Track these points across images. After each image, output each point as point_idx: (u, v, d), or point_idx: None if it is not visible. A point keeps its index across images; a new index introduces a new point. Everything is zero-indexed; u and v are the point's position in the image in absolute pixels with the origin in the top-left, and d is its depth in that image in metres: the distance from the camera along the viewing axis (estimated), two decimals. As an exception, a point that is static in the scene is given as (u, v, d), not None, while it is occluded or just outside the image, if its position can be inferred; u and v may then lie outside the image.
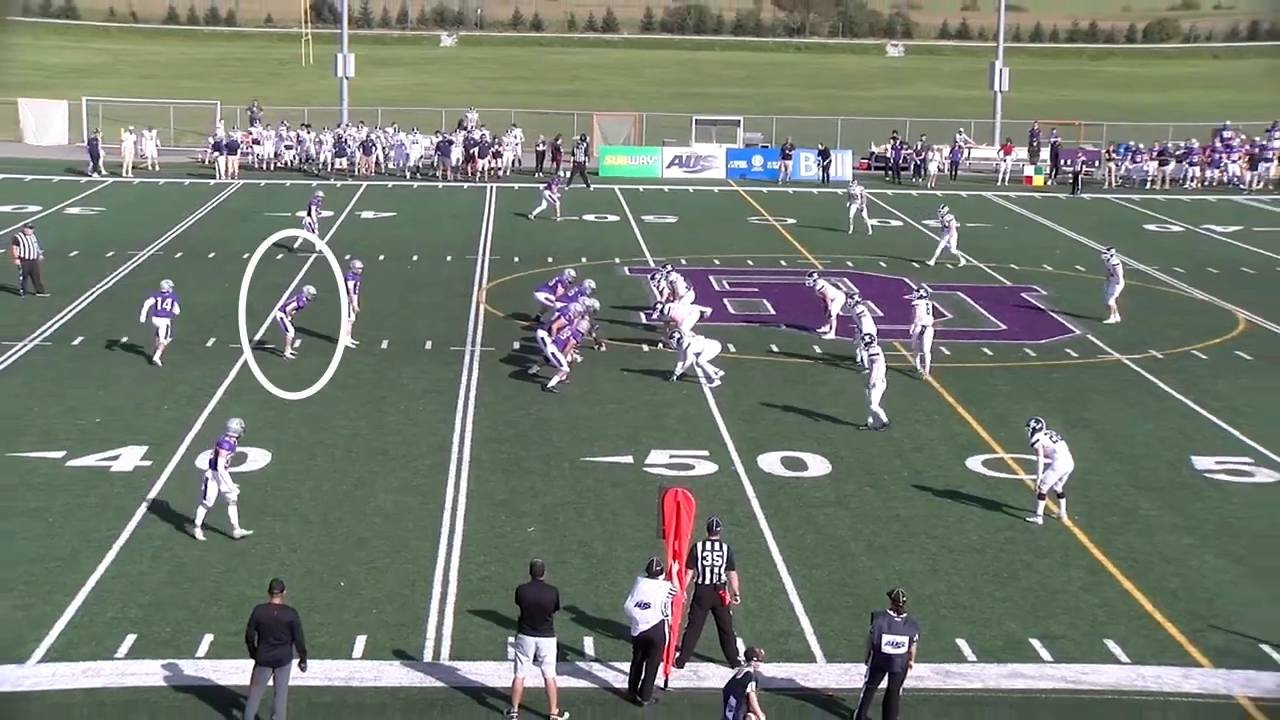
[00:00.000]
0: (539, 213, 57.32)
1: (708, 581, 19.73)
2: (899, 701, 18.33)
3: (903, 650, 18.13)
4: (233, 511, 24.23)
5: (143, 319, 35.48)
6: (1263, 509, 26.69)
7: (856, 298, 39.06)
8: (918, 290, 37.46)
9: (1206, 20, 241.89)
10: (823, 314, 39.22)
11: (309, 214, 50.95)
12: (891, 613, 18.30)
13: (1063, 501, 25.86)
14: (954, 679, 19.69)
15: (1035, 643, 20.81)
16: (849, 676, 19.35)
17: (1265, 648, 20.83)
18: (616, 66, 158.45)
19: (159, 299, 35.50)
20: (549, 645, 18.42)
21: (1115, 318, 41.07)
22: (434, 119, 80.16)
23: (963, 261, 49.66)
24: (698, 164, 73.97)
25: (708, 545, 19.82)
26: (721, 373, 34.16)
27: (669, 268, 40.40)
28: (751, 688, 16.89)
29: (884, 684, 18.28)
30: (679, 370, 34.47)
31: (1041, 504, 25.79)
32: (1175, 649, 20.75)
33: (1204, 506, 26.75)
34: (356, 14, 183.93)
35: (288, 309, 36.37)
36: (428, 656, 20.10)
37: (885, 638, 18.15)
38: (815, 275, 41.08)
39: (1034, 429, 25.93)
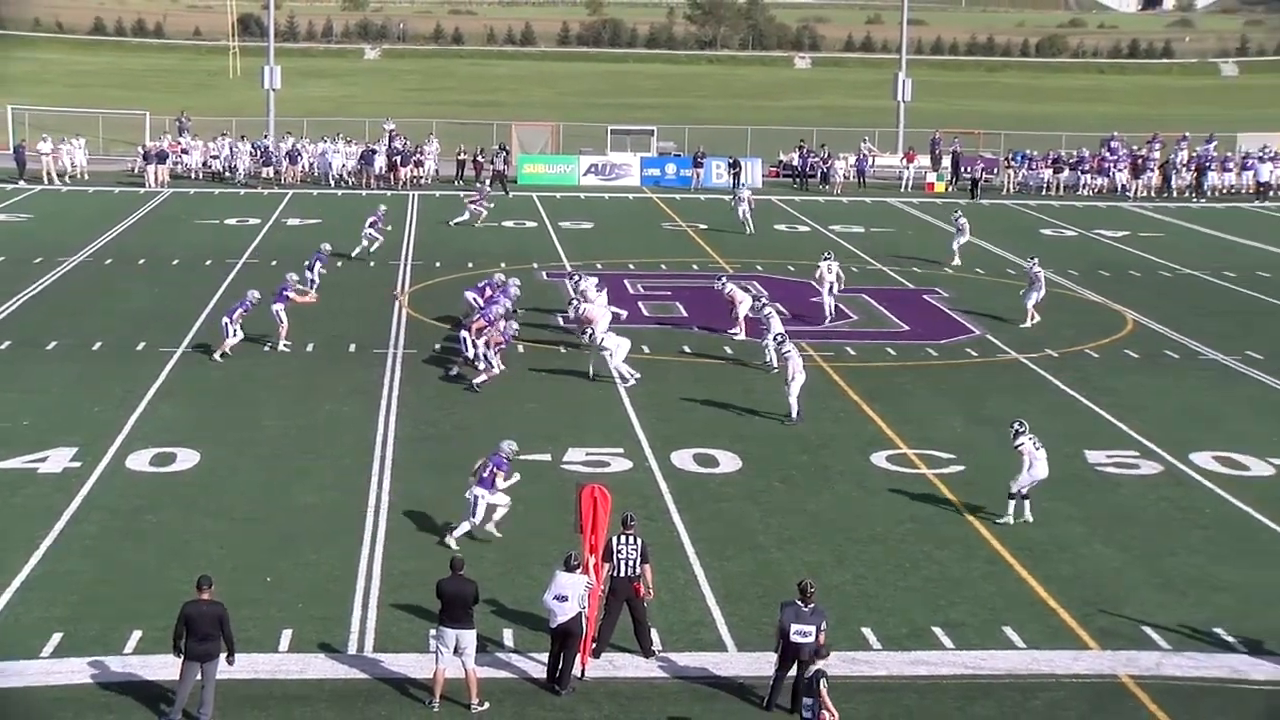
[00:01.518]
0: (459, 221, 57.12)
1: (623, 574, 19.73)
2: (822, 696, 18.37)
3: (810, 639, 18.18)
4: (498, 515, 24.02)
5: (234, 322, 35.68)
6: (1148, 499, 27.00)
7: (764, 300, 39.15)
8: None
9: (1093, 37, 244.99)
10: (730, 316, 39.32)
11: (373, 228, 50.19)
12: (799, 603, 18.35)
13: (1026, 504, 25.55)
14: (860, 666, 19.76)
15: (937, 630, 20.94)
16: (759, 665, 19.37)
17: (1146, 629, 21.09)
18: (535, 78, 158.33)
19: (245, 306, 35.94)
20: (469, 637, 18.36)
21: (1033, 320, 41.27)
22: (359, 129, 79.78)
23: (957, 260, 50.73)
24: (613, 172, 74.01)
25: (623, 539, 19.80)
26: (638, 374, 34.15)
27: (580, 274, 40.48)
28: (824, 685, 16.86)
29: (793, 672, 18.33)
30: (593, 369, 34.49)
31: (1012, 504, 25.52)
32: (1067, 633, 20.94)
33: (1095, 497, 27.02)
34: (283, 28, 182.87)
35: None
36: (352, 649, 19.97)
37: (794, 626, 18.21)
38: (724, 279, 41.23)
39: (1017, 431, 25.60)
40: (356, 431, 30.09)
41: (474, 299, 37.61)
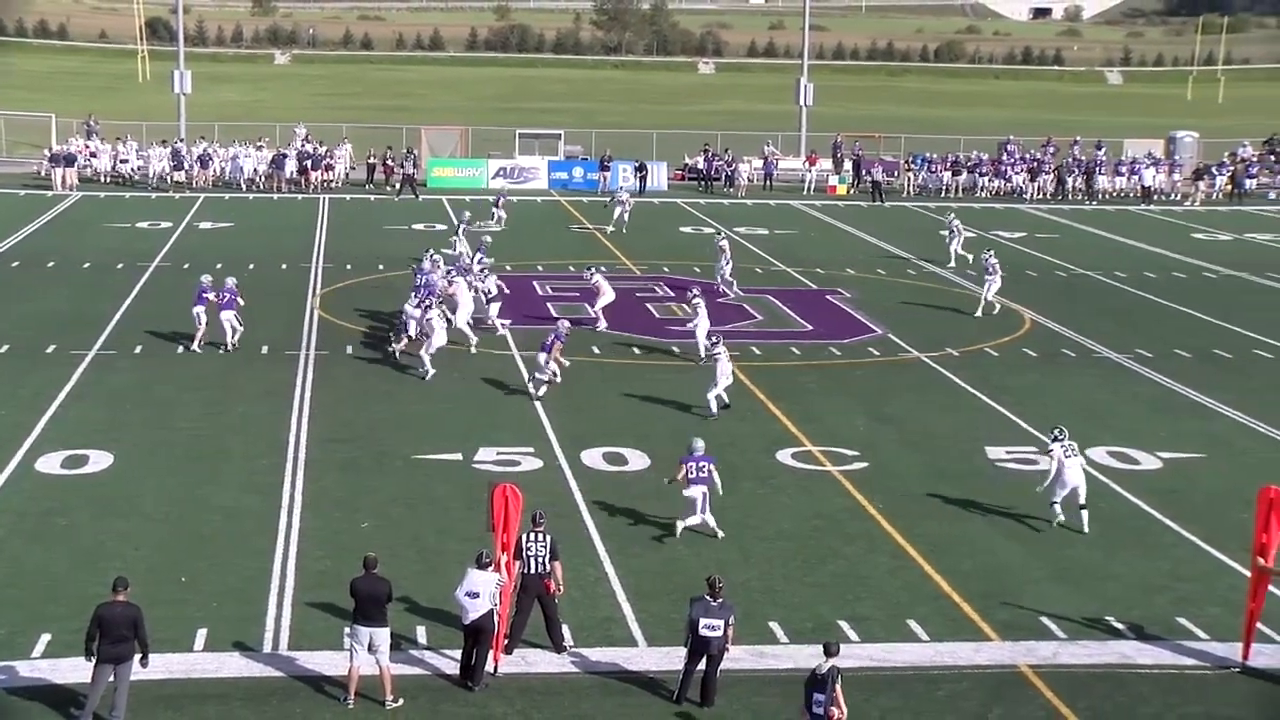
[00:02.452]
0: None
1: (533, 571, 19.70)
2: (716, 682, 18.45)
3: (719, 633, 18.26)
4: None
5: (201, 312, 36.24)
6: (1045, 493, 27.22)
7: (695, 291, 39.44)
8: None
9: (988, 44, 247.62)
10: (592, 307, 39.98)
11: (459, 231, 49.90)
12: (708, 598, 18.41)
13: (1083, 513, 25.25)
14: (767, 660, 19.83)
15: (843, 624, 21.04)
16: (669, 659, 19.40)
17: (1044, 620, 21.32)
18: (443, 83, 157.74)
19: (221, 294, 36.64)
20: (383, 635, 18.28)
21: (991, 311, 42.92)
22: (270, 133, 79.13)
23: (953, 263, 51.48)
24: (521, 175, 73.96)
25: (531, 537, 19.78)
26: (434, 371, 34.17)
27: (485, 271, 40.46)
28: (838, 682, 16.81)
29: (702, 665, 18.39)
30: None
31: (1056, 508, 25.30)
32: (969, 626, 21.13)
33: (997, 492, 27.26)
34: (192, 32, 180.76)
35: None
36: (267, 647, 19.81)
37: (702, 621, 18.26)
38: (593, 269, 41.35)
39: (1055, 438, 25.59)
40: (270, 432, 29.84)
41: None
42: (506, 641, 19.59)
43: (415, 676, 19.00)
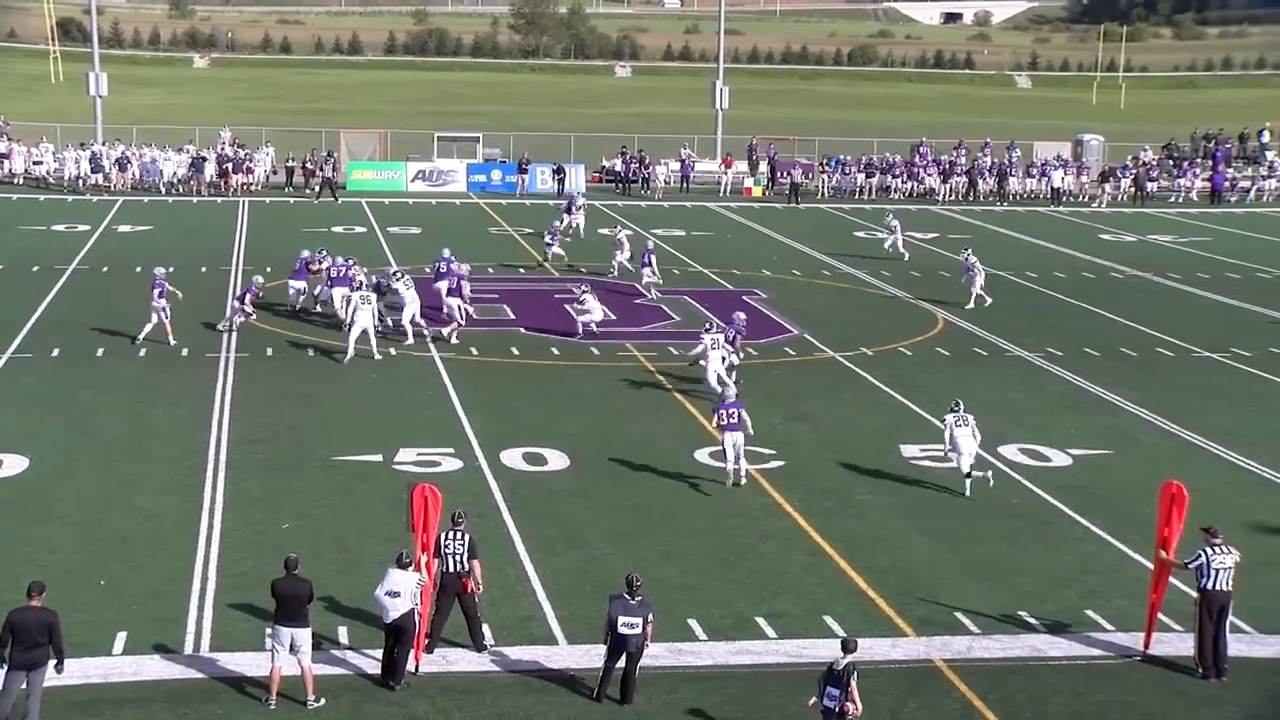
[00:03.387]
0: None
1: (451, 570, 19.62)
2: (636, 679, 18.46)
3: (637, 631, 18.26)
4: None
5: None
6: (958, 489, 27.42)
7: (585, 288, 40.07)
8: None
9: (900, 47, 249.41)
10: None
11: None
12: (626, 596, 18.42)
13: (968, 481, 26.97)
14: (686, 656, 19.85)
15: (761, 621, 21.08)
16: (589, 657, 19.37)
17: (958, 615, 21.45)
18: (362, 86, 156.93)
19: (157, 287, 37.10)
20: (304, 635, 18.15)
21: (988, 301, 44.32)
22: (189, 137, 78.40)
23: (907, 257, 52.27)
24: (440, 178, 73.72)
25: (451, 536, 19.71)
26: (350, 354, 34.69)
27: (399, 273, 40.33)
28: (854, 678, 16.72)
29: (621, 663, 18.39)
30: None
31: (967, 481, 26.91)
32: (885, 622, 21.23)
33: (909, 488, 27.43)
34: (107, 34, 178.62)
35: (245, 299, 38.15)
36: (188, 649, 19.59)
37: (621, 619, 18.26)
38: (586, 287, 40.78)
39: (950, 409, 27.43)
40: (190, 434, 29.55)
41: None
42: (428, 641, 19.52)
43: (337, 676, 18.87)
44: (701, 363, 33.62)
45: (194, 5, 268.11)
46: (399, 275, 39.73)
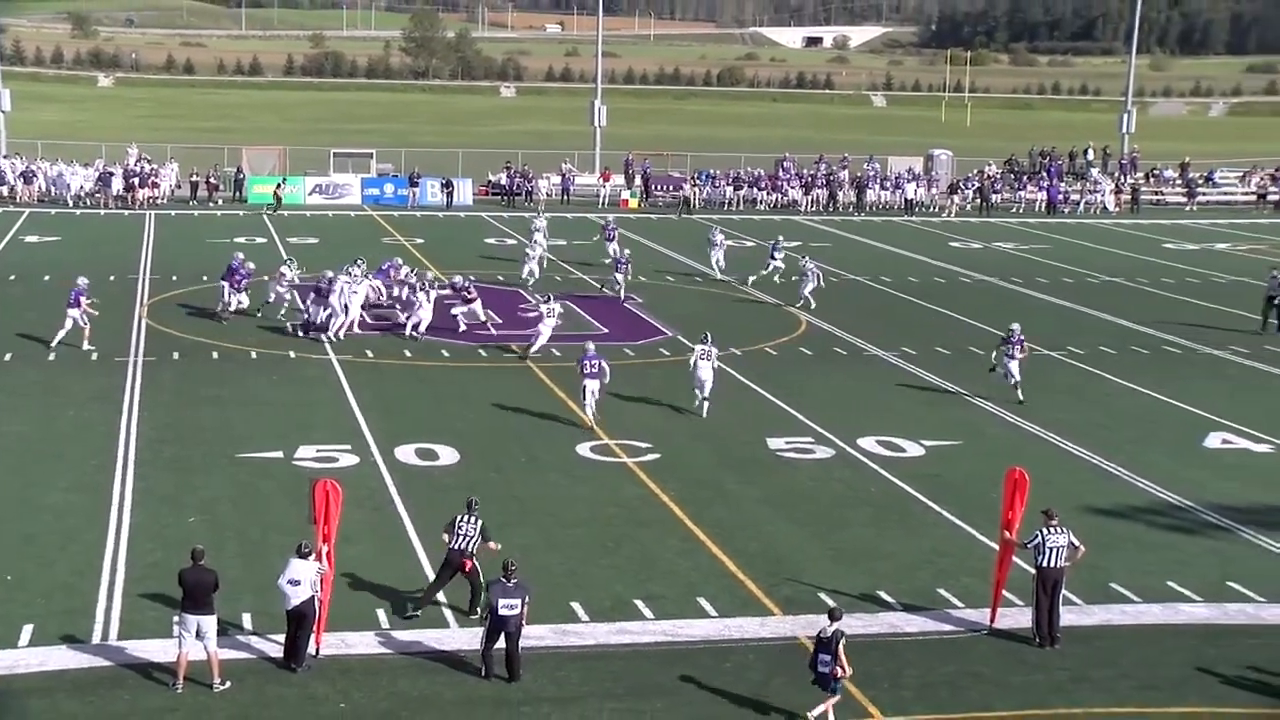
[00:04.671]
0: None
1: (457, 548, 20.30)
2: (519, 658, 18.45)
3: (516, 611, 18.28)
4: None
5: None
6: (822, 480, 27.71)
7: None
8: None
9: (765, 69, 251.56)
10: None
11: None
12: (504, 580, 18.42)
13: (705, 404, 31.41)
14: (569, 637, 19.83)
15: (639, 603, 21.10)
16: (478, 639, 19.29)
17: (822, 595, 21.58)
18: (263, 105, 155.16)
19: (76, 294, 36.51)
20: (210, 622, 17.90)
21: (813, 304, 44.70)
22: (95, 152, 77.06)
23: (719, 276, 51.10)
24: (336, 191, 73.07)
25: (464, 519, 20.57)
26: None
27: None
28: (842, 644, 17.26)
29: (501, 643, 18.37)
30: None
31: (704, 406, 31.36)
32: (754, 603, 21.33)
33: (777, 480, 27.58)
34: (9, 52, 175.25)
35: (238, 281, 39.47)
36: (96, 639, 19.23)
37: (501, 601, 18.25)
38: (550, 298, 40.33)
39: (700, 341, 31.88)
40: (99, 435, 29.01)
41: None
42: (414, 605, 20.31)
43: (241, 660, 18.62)
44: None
45: (97, 26, 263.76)
46: (434, 284, 40.97)
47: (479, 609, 19.95)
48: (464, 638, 19.59)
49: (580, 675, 18.64)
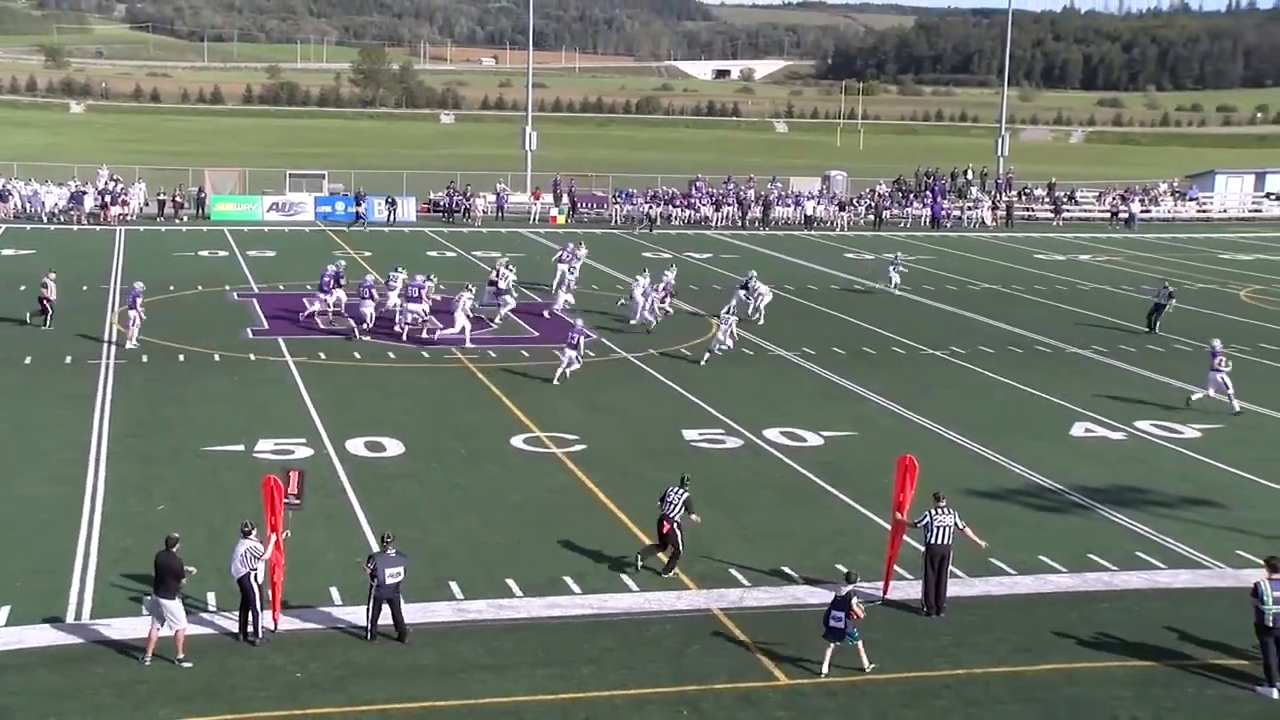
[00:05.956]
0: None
1: (665, 513, 21.32)
2: (404, 619, 18.50)
3: (400, 578, 18.42)
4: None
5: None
6: (732, 467, 27.77)
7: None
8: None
9: (679, 99, 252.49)
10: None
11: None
12: (385, 551, 18.55)
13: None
14: (506, 611, 19.73)
15: (569, 579, 21.05)
16: (423, 613, 19.22)
17: (732, 571, 21.64)
18: (223, 131, 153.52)
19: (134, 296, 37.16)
20: (173, 605, 17.64)
21: (762, 320, 43.75)
22: (68, 173, 75.90)
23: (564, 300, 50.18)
24: (292, 209, 72.42)
25: (675, 490, 21.53)
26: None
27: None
28: (856, 600, 17.91)
29: (387, 609, 18.44)
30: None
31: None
32: (671, 578, 21.29)
33: (692, 468, 27.48)
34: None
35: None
36: (71, 618, 18.90)
37: (387, 570, 18.37)
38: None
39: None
40: (73, 431, 28.55)
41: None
42: (637, 560, 21.44)
43: (205, 636, 18.35)
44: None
45: (69, 58, 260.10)
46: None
47: (673, 568, 21.16)
48: (409, 613, 19.39)
49: (514, 645, 18.55)
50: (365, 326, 39.82)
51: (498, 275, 43.97)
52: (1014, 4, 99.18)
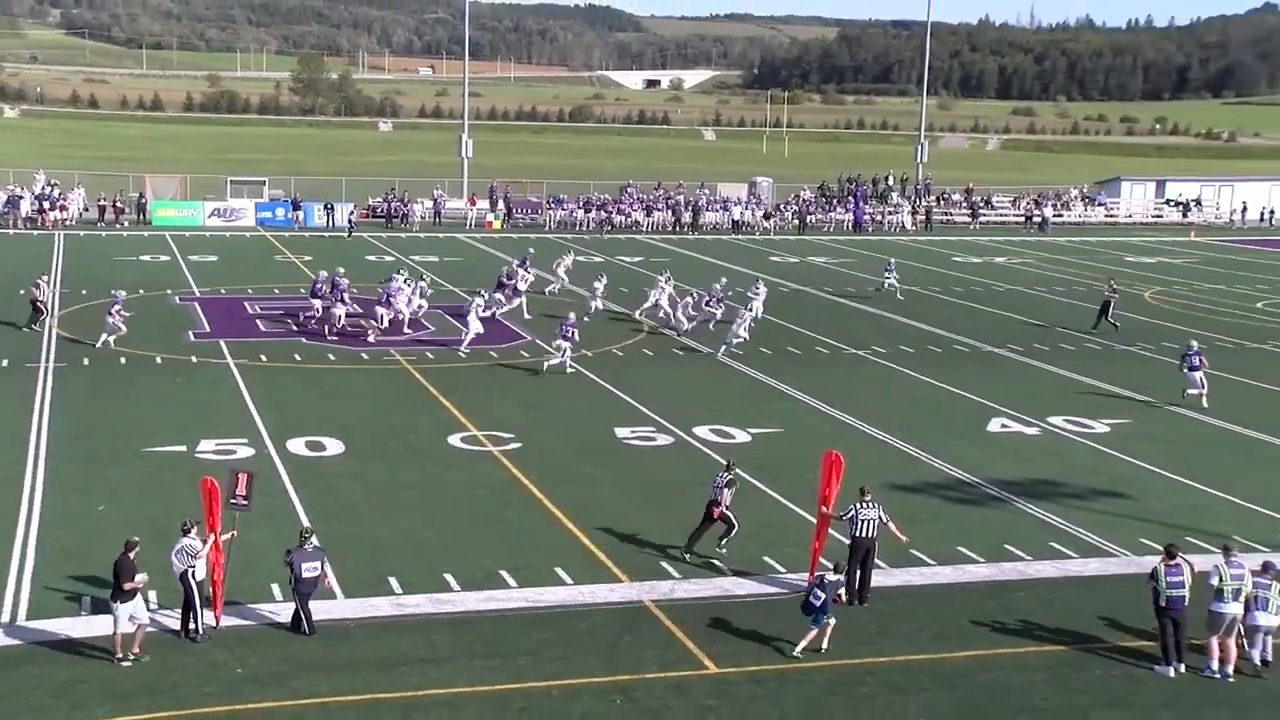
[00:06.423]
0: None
1: (711, 498, 21.76)
2: (311, 613, 18.42)
3: (317, 572, 18.37)
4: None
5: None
6: (662, 463, 27.76)
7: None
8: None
9: (611, 107, 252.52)
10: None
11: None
12: (303, 546, 18.47)
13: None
14: (444, 605, 19.60)
15: (505, 573, 20.94)
16: (364, 608, 19.08)
17: (663, 564, 21.64)
18: (165, 138, 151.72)
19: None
20: (118, 606, 17.29)
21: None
22: (3, 178, 74.61)
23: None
24: (233, 214, 71.73)
25: (721, 475, 22.16)
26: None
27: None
28: (840, 589, 19.14)
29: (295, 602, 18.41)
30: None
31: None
32: (605, 571, 21.28)
33: (624, 464, 27.59)
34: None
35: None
36: (6, 618, 18.52)
37: (304, 565, 18.29)
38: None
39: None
40: (12, 432, 28.02)
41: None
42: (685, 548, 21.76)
43: (147, 634, 18.06)
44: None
45: (1, 63, 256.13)
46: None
47: (723, 544, 21.88)
48: (349, 607, 19.29)
49: (453, 638, 18.44)
50: (337, 328, 40.19)
51: (512, 276, 45.26)
52: (932, 16, 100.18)
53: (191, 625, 18.12)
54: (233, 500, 18.93)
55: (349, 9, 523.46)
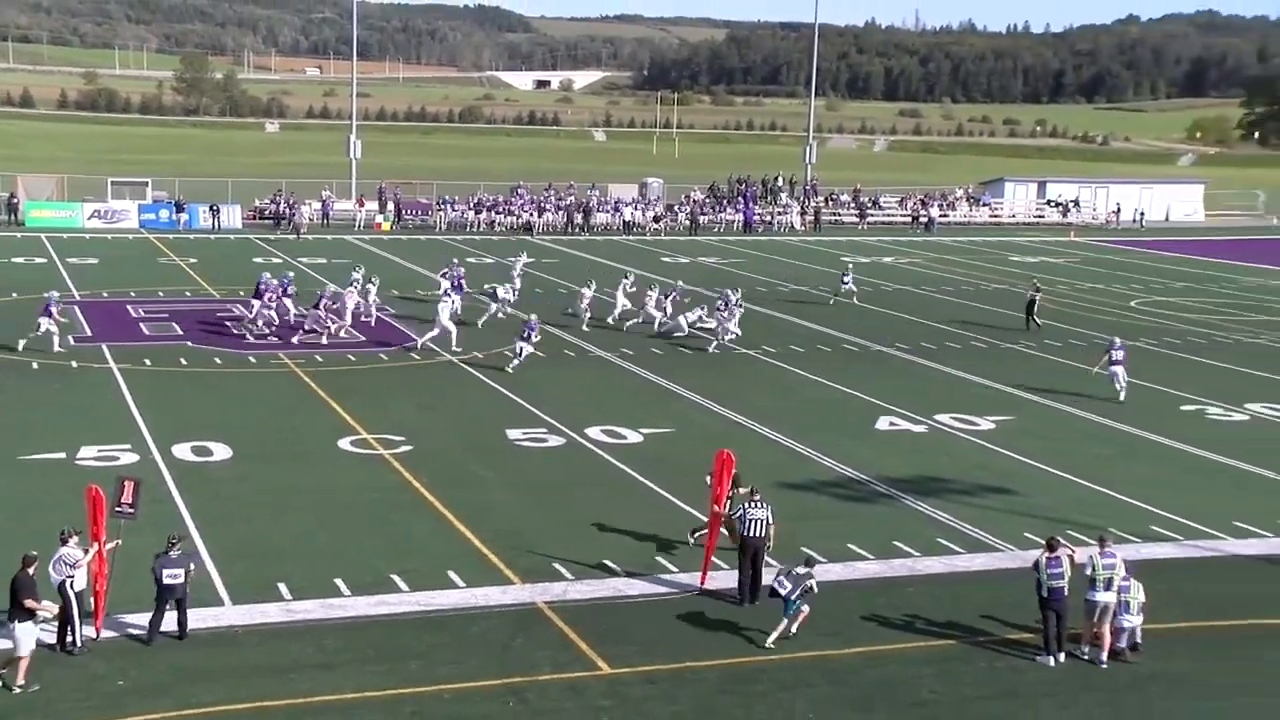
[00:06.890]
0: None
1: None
2: (187, 619, 18.16)
3: (180, 580, 18.06)
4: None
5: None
6: (554, 464, 27.73)
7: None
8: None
9: (501, 108, 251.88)
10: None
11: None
12: (169, 552, 18.19)
13: None
14: (334, 610, 19.37)
15: (396, 577, 20.78)
16: (251, 614, 18.80)
17: (556, 565, 21.59)
18: (39, 136, 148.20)
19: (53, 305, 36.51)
20: (28, 626, 16.77)
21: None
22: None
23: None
24: (114, 216, 70.25)
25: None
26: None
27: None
28: (810, 580, 18.88)
29: (171, 609, 18.07)
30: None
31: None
32: (497, 574, 21.19)
33: (516, 466, 27.51)
34: None
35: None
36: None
37: (166, 571, 18.03)
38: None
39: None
40: (-115, 442, 27.22)
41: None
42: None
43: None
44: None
45: None
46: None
47: (695, 536, 22.29)
48: (237, 614, 19.01)
49: (343, 643, 18.25)
50: (272, 328, 40.36)
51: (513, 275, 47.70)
52: (819, 19, 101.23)
53: (69, 638, 17.65)
54: (118, 508, 18.52)
55: (233, 8, 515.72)
